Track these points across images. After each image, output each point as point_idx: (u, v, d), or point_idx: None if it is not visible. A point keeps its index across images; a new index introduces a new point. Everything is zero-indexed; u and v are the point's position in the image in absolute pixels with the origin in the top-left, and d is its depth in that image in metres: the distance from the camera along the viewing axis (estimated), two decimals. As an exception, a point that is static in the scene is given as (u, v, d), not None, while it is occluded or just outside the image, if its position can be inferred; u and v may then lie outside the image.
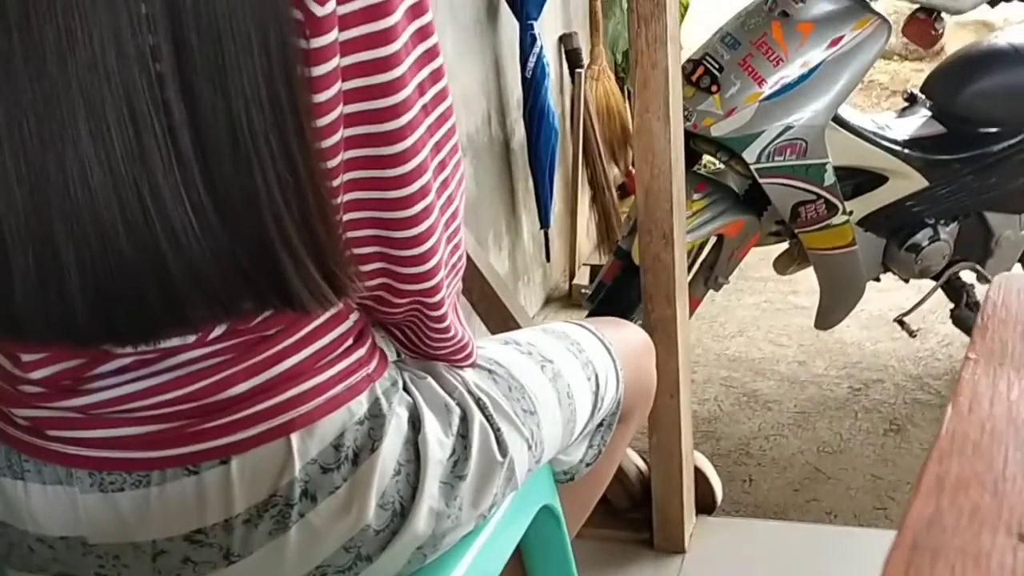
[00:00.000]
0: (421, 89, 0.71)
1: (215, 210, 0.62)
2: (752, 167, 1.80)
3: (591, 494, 1.14)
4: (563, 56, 2.91)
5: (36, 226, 0.61)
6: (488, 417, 0.84)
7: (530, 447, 0.88)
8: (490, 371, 0.89)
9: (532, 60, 2.50)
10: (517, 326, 1.47)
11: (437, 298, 0.78)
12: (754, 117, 1.77)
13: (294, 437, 0.72)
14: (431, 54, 0.72)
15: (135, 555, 0.72)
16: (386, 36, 0.66)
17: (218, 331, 0.70)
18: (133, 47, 0.58)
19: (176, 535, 0.72)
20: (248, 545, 0.72)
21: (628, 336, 1.11)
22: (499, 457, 0.83)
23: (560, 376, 0.94)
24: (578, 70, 2.85)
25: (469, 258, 1.52)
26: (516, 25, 2.49)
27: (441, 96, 0.73)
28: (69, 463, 0.72)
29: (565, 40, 2.90)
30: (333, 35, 0.64)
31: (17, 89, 0.58)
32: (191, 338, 0.70)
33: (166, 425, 0.71)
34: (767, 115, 1.77)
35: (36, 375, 0.71)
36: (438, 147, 0.74)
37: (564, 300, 2.89)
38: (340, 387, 0.75)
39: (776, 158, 1.80)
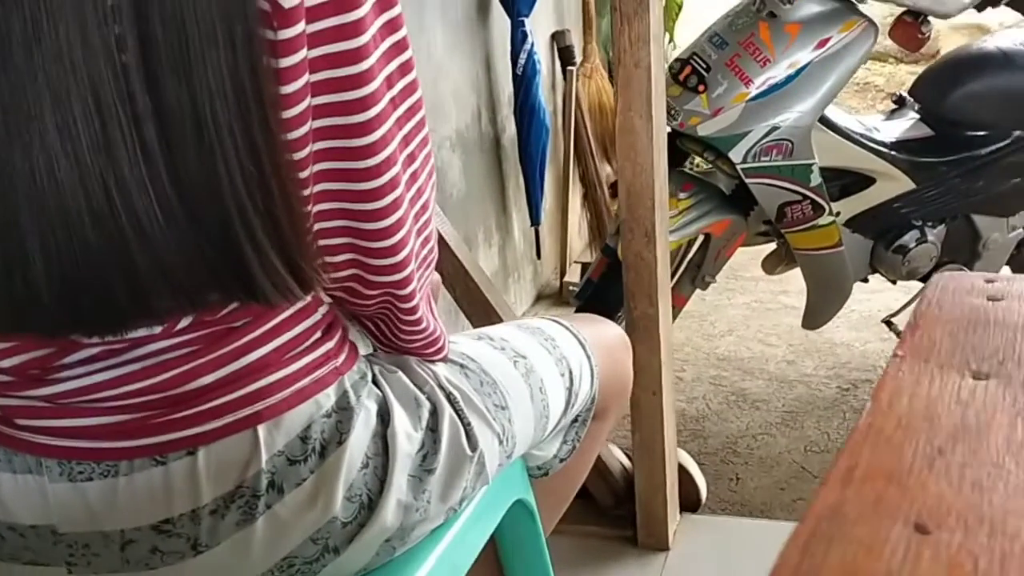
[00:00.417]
0: (390, 82, 0.71)
1: (179, 201, 0.62)
2: (738, 167, 1.81)
3: (566, 490, 1.14)
4: (556, 53, 2.92)
5: (2, 215, 0.61)
6: (458, 411, 0.84)
7: (501, 442, 0.88)
8: (462, 366, 0.89)
9: (523, 57, 2.50)
10: (501, 322, 1.47)
11: (408, 290, 0.78)
12: (740, 117, 1.78)
13: (261, 429, 0.73)
14: (400, 47, 0.72)
15: (104, 544, 0.73)
16: (354, 28, 0.67)
17: (185, 322, 0.71)
18: (99, 38, 0.59)
19: (144, 525, 0.72)
20: (215, 535, 0.72)
21: (604, 332, 1.11)
22: (469, 451, 0.83)
23: (533, 371, 0.94)
24: (570, 68, 2.85)
25: (453, 254, 1.53)
26: (507, 22, 2.50)
27: (410, 89, 0.74)
28: (38, 452, 0.73)
29: (558, 37, 2.90)
30: (300, 27, 0.64)
31: None
32: (158, 329, 0.70)
33: (133, 415, 0.71)
34: (754, 115, 1.77)
35: (5, 364, 0.71)
36: (407, 140, 0.74)
37: (555, 298, 2.90)
38: (308, 380, 0.75)
39: (762, 158, 1.80)
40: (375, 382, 0.81)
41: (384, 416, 0.79)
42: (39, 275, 0.62)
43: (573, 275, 2.89)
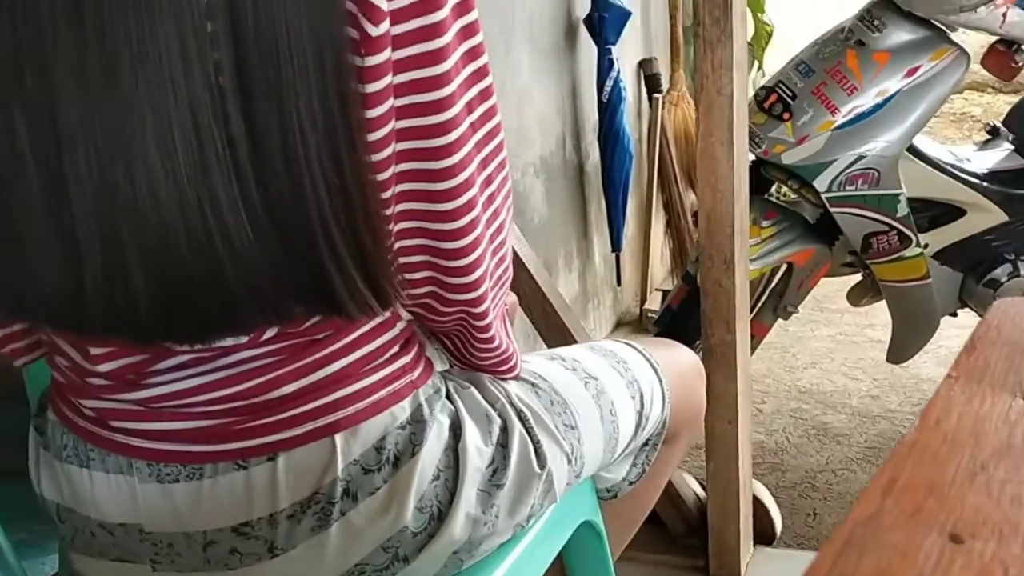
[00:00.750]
0: (470, 107, 0.74)
1: (269, 220, 0.66)
2: (823, 196, 1.79)
3: (635, 513, 1.15)
4: (642, 81, 2.93)
5: (106, 229, 0.64)
6: (528, 429, 0.86)
7: (570, 461, 0.90)
8: (533, 384, 0.91)
9: (609, 84, 2.52)
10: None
11: (482, 308, 0.80)
12: (826, 145, 1.76)
13: (338, 437, 0.75)
14: (480, 73, 0.74)
15: (187, 544, 0.76)
16: (437, 56, 0.69)
17: (270, 333, 0.74)
18: (198, 63, 0.62)
19: (225, 527, 0.75)
20: (291, 540, 0.75)
21: (677, 357, 1.12)
22: (537, 469, 0.85)
23: (604, 393, 0.95)
24: (656, 95, 2.86)
25: (532, 277, 1.55)
26: (594, 49, 2.52)
27: (489, 114, 0.76)
28: (130, 453, 0.76)
29: (645, 65, 2.92)
30: (386, 54, 0.67)
31: (93, 100, 0.62)
32: (245, 339, 0.74)
33: (219, 421, 0.75)
34: (839, 144, 1.76)
35: (102, 368, 0.76)
36: (485, 163, 0.76)
37: (635, 325, 2.89)
38: (384, 392, 0.78)
39: (848, 187, 1.79)
40: (448, 397, 0.84)
41: (456, 430, 0.81)
42: (138, 287, 0.66)
43: (654, 302, 2.88)
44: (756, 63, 3.44)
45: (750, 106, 1.85)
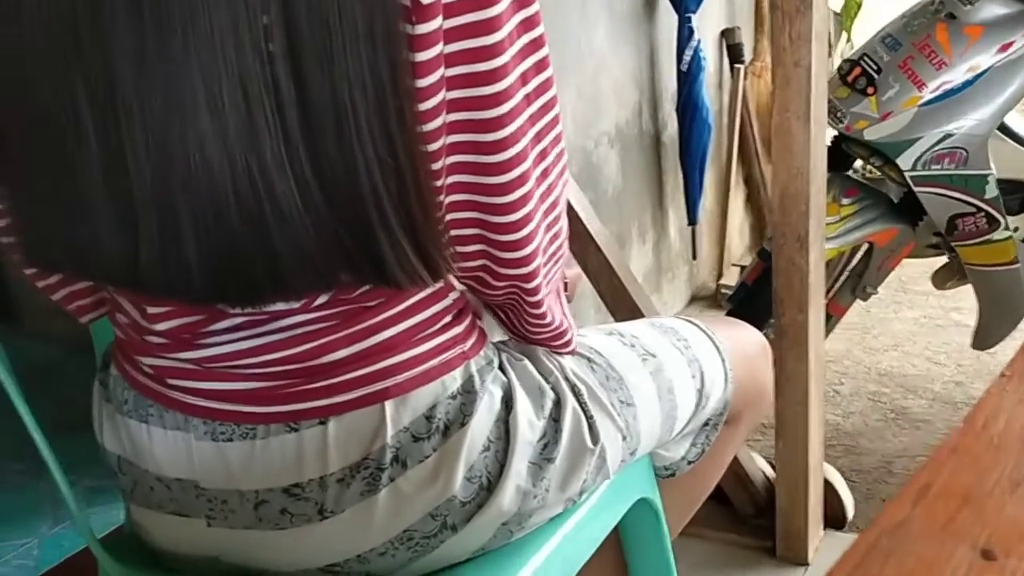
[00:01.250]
0: (524, 78, 0.72)
1: (318, 187, 0.66)
2: (906, 174, 1.73)
3: (695, 493, 1.13)
4: (725, 51, 2.87)
5: (161, 193, 0.65)
6: (582, 404, 0.85)
7: (624, 438, 0.88)
8: (589, 359, 0.90)
9: (688, 53, 2.48)
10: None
11: (534, 284, 0.79)
12: (911, 122, 1.70)
13: (388, 405, 0.76)
14: (536, 44, 0.73)
15: (240, 502, 0.77)
16: (490, 25, 0.68)
17: (322, 299, 0.74)
18: (248, 28, 0.62)
19: (276, 487, 0.76)
20: (340, 503, 0.76)
21: (742, 337, 1.09)
22: (590, 444, 0.84)
23: (662, 371, 0.94)
24: (738, 65, 2.80)
25: (600, 250, 1.53)
26: (674, 18, 2.48)
27: (545, 86, 0.75)
28: (187, 411, 0.78)
29: (727, 35, 2.85)
30: (437, 22, 0.66)
31: (147, 67, 0.62)
32: (297, 304, 0.74)
33: (271, 383, 0.76)
34: (926, 121, 1.69)
35: (160, 327, 0.77)
36: (539, 136, 0.75)
37: (710, 300, 2.85)
38: (435, 361, 0.78)
39: (933, 166, 1.72)
40: (502, 369, 0.83)
41: (508, 402, 0.81)
42: (190, 249, 0.67)
43: (731, 278, 2.83)
44: (845, 34, 3.34)
45: (833, 80, 1.80)
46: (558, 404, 0.84)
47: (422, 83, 0.67)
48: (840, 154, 1.87)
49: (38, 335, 2.46)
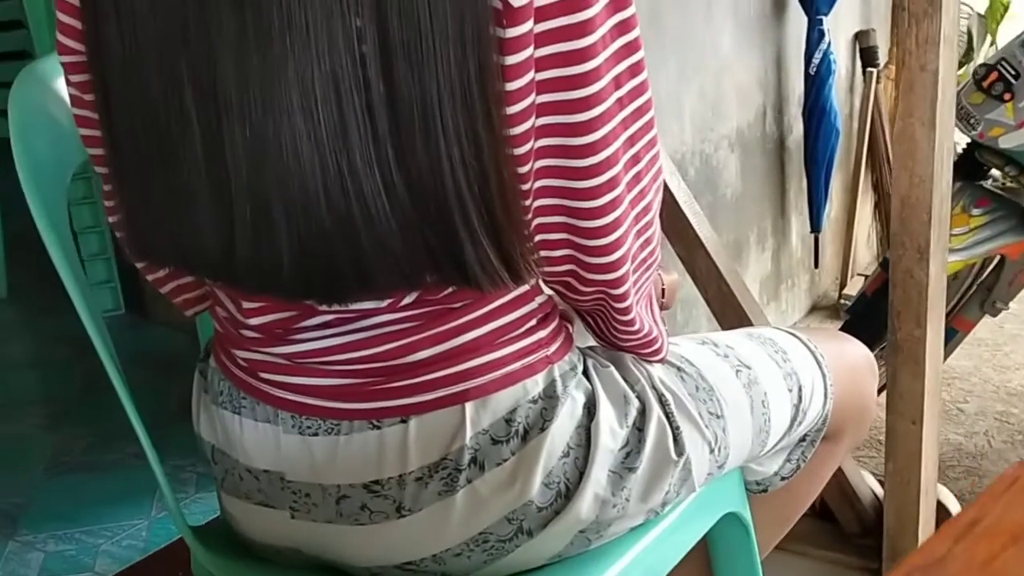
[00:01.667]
0: (617, 82, 0.71)
1: (404, 187, 0.66)
2: (1044, 185, 1.64)
3: (788, 510, 1.09)
4: (858, 54, 2.77)
5: (256, 187, 0.67)
6: (668, 414, 0.83)
7: (712, 450, 0.86)
8: (679, 368, 0.88)
9: (818, 56, 2.40)
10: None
11: (621, 290, 0.78)
12: (1051, 131, 1.61)
13: (468, 406, 0.76)
14: (631, 47, 0.72)
15: (322, 496, 0.79)
16: (583, 28, 0.68)
17: (409, 299, 0.75)
18: (342, 29, 0.63)
19: (357, 483, 0.77)
20: (418, 502, 0.76)
21: (847, 351, 1.05)
22: (674, 455, 0.82)
23: (756, 383, 0.91)
24: (871, 69, 2.70)
25: (709, 256, 1.50)
26: (804, 20, 2.40)
27: (639, 90, 0.74)
28: (276, 404, 0.80)
29: (861, 37, 2.75)
30: (528, 25, 0.66)
31: (246, 61, 0.64)
32: (385, 303, 0.75)
33: (355, 380, 0.77)
34: (1066, 128, 1.60)
35: (254, 321, 0.79)
36: (632, 141, 0.74)
37: (831, 310, 2.76)
38: (517, 364, 0.78)
39: (1073, 177, 1.62)
40: (586, 375, 0.82)
41: (591, 409, 0.80)
42: (282, 245, 0.69)
43: (855, 287, 2.73)
44: (989, 37, 3.18)
45: (968, 85, 1.71)
46: (643, 413, 0.82)
47: (511, 86, 0.67)
48: (973, 163, 1.78)
49: (165, 324, 2.58)
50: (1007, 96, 1.64)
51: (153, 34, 0.67)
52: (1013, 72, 1.64)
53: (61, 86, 0.83)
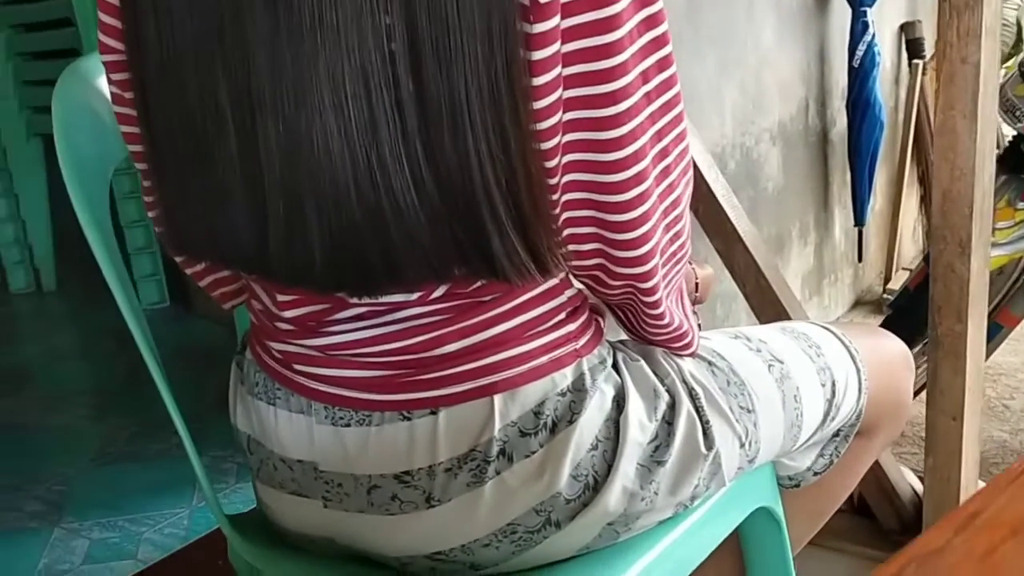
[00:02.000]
0: (645, 77, 0.72)
1: (432, 181, 0.67)
2: (1091, 177, 1.61)
3: (821, 505, 1.09)
4: (903, 45, 2.73)
5: (289, 183, 0.68)
6: (698, 408, 0.83)
7: (743, 445, 0.86)
8: (710, 362, 0.88)
9: (862, 48, 2.38)
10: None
11: (650, 284, 0.78)
12: (1098, 122, 1.58)
13: (497, 399, 0.77)
14: (659, 42, 0.72)
15: (354, 486, 0.80)
16: (610, 23, 0.68)
17: (438, 292, 0.76)
18: (371, 26, 0.64)
19: (388, 473, 0.78)
20: (447, 492, 0.77)
21: (882, 346, 1.04)
22: (704, 449, 0.82)
23: (788, 378, 0.91)
24: (916, 60, 2.66)
25: (747, 250, 1.50)
26: (848, 12, 2.38)
27: (668, 84, 0.74)
28: (310, 395, 0.81)
29: (907, 28, 2.72)
30: (555, 21, 0.66)
31: (280, 58, 0.66)
32: (415, 296, 0.76)
33: (387, 372, 0.78)
34: (1115, 120, 1.57)
35: (288, 314, 0.81)
36: (660, 135, 0.74)
37: (875, 305, 2.73)
38: (545, 358, 0.78)
39: (1121, 170, 1.59)
40: (616, 368, 0.83)
41: (620, 402, 0.80)
42: (314, 239, 0.70)
43: (899, 281, 2.70)
44: (1041, 27, 3.11)
45: (1014, 77, 1.68)
46: (672, 407, 0.82)
47: (538, 81, 0.68)
48: (1019, 156, 1.75)
49: (208, 316, 2.62)
50: (1054, 88, 1.61)
51: (190, 34, 0.69)
52: (1060, 63, 1.61)
53: (104, 83, 0.85)
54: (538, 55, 0.67)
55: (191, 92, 0.70)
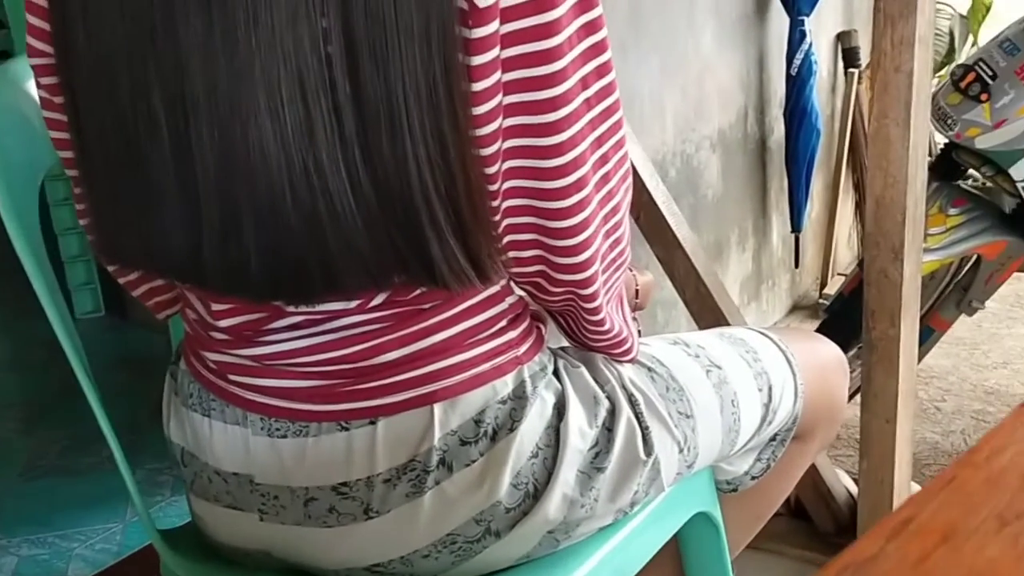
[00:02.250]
0: (585, 83, 0.72)
1: (371, 186, 0.66)
2: (1019, 185, 1.65)
3: (758, 509, 1.10)
4: (840, 54, 2.78)
5: (223, 188, 0.67)
6: (638, 414, 0.83)
7: (681, 450, 0.87)
8: (650, 369, 0.88)
9: (799, 57, 2.41)
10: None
11: (590, 290, 0.78)
12: (1026, 131, 1.62)
13: (437, 407, 0.76)
14: (598, 48, 0.72)
15: (291, 498, 0.79)
16: (549, 29, 0.68)
17: (378, 300, 0.75)
18: (307, 29, 0.63)
19: (325, 485, 0.77)
20: (386, 503, 0.76)
21: (817, 350, 1.06)
22: (643, 455, 0.83)
23: (726, 383, 0.92)
24: (852, 70, 2.71)
25: (687, 257, 1.51)
26: (786, 20, 2.42)
27: (607, 90, 0.74)
28: (245, 407, 0.80)
29: (843, 38, 2.77)
30: (494, 26, 0.66)
31: (213, 61, 0.64)
32: (353, 304, 0.75)
33: (325, 382, 0.77)
34: (1042, 130, 1.61)
35: (223, 323, 0.79)
36: (600, 141, 0.74)
37: (812, 309, 2.77)
38: (486, 365, 0.78)
39: (1049, 177, 1.63)
40: (557, 375, 0.82)
41: (560, 409, 0.80)
42: (249, 246, 0.68)
43: (835, 287, 2.75)
44: (972, 37, 3.20)
45: (945, 86, 1.72)
46: (613, 413, 0.82)
47: (477, 87, 0.67)
48: (950, 163, 1.79)
49: (145, 326, 2.57)
50: (984, 97, 1.65)
51: (121, 37, 0.67)
52: (990, 73, 1.65)
53: (34, 88, 0.82)
54: (477, 60, 0.67)
55: (122, 96, 0.68)
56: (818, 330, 1.87)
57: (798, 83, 2.44)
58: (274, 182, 0.66)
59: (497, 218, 0.74)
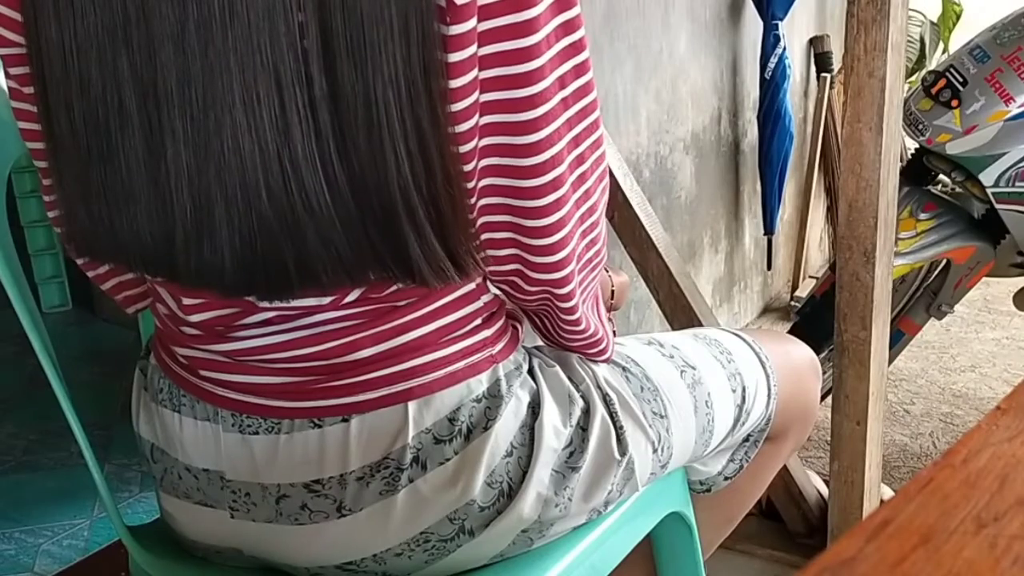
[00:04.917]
0: (562, 82, 0.71)
1: (347, 182, 0.66)
2: (989, 191, 1.67)
3: (732, 510, 1.10)
4: (812, 59, 2.80)
5: (197, 182, 0.66)
6: (612, 414, 0.83)
7: (655, 450, 0.87)
8: (624, 368, 0.88)
9: (773, 61, 2.43)
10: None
11: (566, 290, 0.78)
12: (996, 137, 1.64)
13: (411, 405, 0.75)
14: (576, 47, 0.72)
15: (262, 495, 0.78)
16: (527, 27, 0.67)
17: (352, 296, 0.75)
18: (283, 24, 0.63)
19: (297, 482, 0.77)
20: (359, 501, 0.76)
21: (790, 352, 1.06)
22: (617, 455, 0.83)
23: (700, 383, 0.92)
24: (824, 74, 2.73)
25: (660, 257, 1.51)
26: (760, 24, 2.43)
27: (584, 90, 0.74)
28: (216, 403, 0.79)
29: (816, 42, 2.79)
30: (472, 23, 0.66)
31: (188, 54, 0.64)
32: (327, 300, 0.75)
33: (298, 379, 0.76)
34: (1011, 136, 1.63)
35: (194, 318, 0.78)
36: (577, 141, 0.74)
37: (783, 312, 2.79)
38: (462, 364, 0.77)
39: (1018, 183, 1.66)
40: (532, 374, 0.82)
41: (535, 408, 0.80)
42: (223, 240, 0.68)
43: (807, 289, 2.77)
44: (942, 44, 3.24)
45: (917, 92, 1.74)
46: (587, 412, 0.82)
47: (455, 84, 0.67)
48: (921, 168, 1.81)
49: (114, 320, 2.55)
50: (954, 103, 1.67)
51: (93, 27, 0.66)
52: (961, 79, 1.67)
53: (1, 78, 0.81)
54: (455, 57, 0.66)
55: (94, 88, 0.67)
56: (790, 332, 1.88)
57: (772, 87, 2.46)
58: (248, 177, 0.65)
59: (474, 215, 0.73)
